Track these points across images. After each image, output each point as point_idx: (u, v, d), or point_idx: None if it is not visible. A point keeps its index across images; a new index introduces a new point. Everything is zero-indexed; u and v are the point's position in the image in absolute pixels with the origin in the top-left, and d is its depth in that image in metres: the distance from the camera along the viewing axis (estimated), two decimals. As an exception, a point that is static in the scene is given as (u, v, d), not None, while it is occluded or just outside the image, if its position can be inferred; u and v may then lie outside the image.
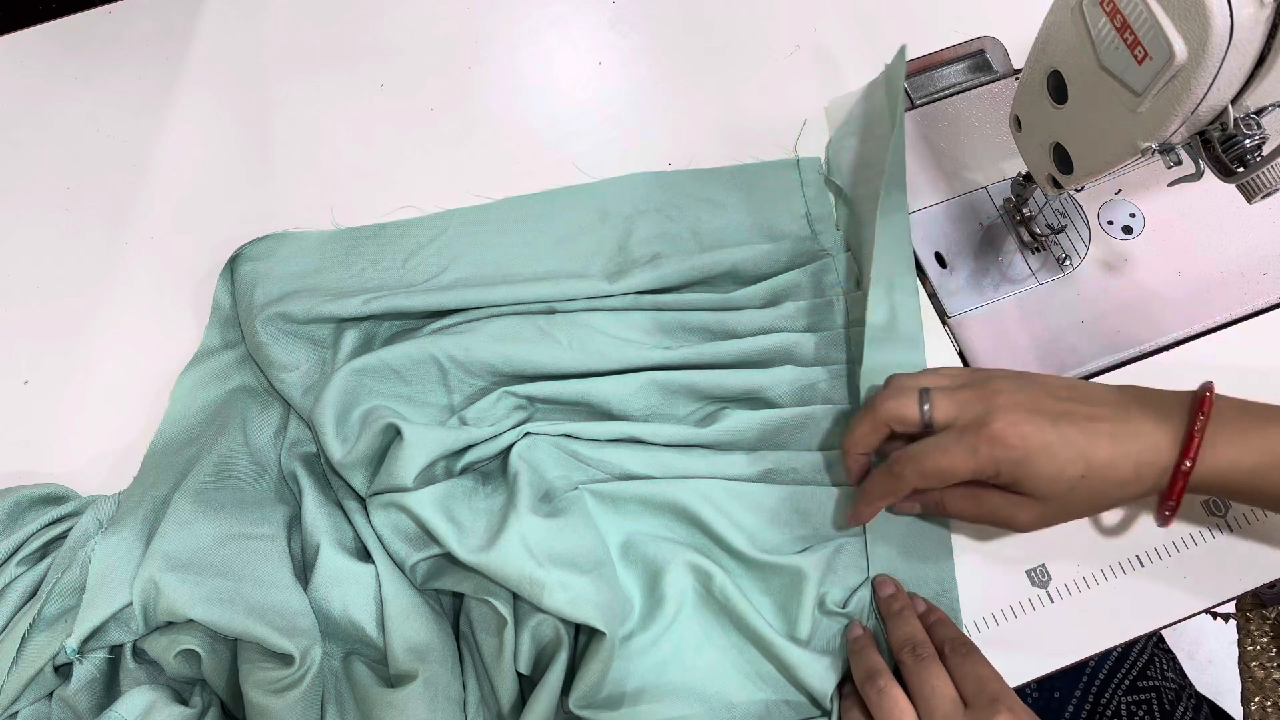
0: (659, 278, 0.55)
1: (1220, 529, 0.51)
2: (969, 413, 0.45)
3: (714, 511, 0.50)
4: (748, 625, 0.48)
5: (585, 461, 0.52)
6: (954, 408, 0.45)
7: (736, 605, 0.48)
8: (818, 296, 0.56)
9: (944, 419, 0.46)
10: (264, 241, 0.59)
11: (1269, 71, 0.38)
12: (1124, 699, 0.61)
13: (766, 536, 0.50)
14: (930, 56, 0.64)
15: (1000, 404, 0.44)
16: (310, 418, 0.52)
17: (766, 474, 0.52)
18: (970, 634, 0.50)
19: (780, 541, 0.50)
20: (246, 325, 0.55)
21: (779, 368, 0.53)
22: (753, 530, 0.50)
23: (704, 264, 0.56)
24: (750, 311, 0.55)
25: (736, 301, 0.55)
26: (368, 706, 0.46)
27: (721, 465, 0.51)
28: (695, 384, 0.53)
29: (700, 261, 0.56)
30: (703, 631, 0.49)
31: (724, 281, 0.57)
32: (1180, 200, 0.59)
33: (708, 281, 0.57)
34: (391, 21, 0.67)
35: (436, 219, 0.60)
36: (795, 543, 0.50)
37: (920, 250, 0.59)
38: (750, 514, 0.51)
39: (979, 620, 0.50)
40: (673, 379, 0.53)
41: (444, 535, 0.47)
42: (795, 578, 0.49)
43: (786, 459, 0.52)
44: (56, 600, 0.47)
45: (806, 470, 0.52)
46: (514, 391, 0.53)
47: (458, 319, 0.55)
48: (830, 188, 0.60)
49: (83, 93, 0.65)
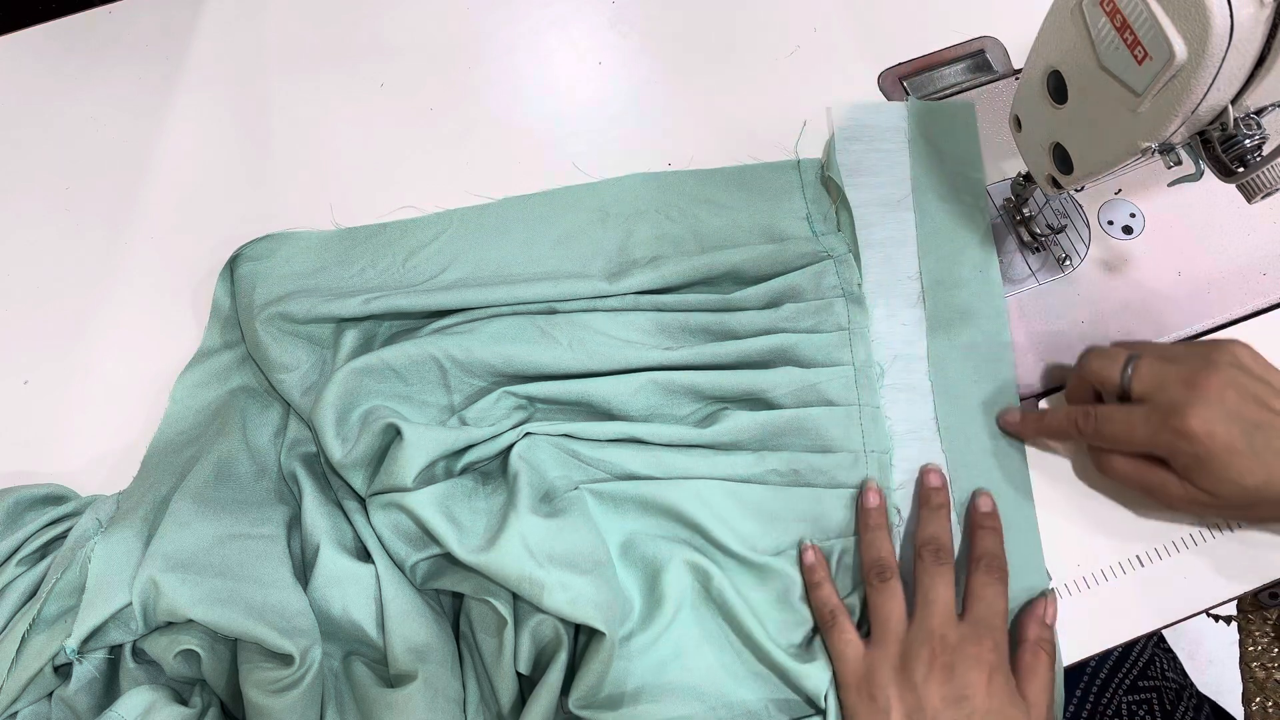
0: (659, 278, 0.55)
1: (1220, 529, 0.51)
2: (1167, 394, 0.44)
3: (710, 515, 0.50)
4: (741, 627, 0.48)
5: (585, 461, 0.52)
6: (1154, 382, 0.45)
7: (732, 606, 0.48)
8: (818, 298, 0.56)
9: (1141, 391, 0.45)
10: (264, 242, 0.59)
11: (1269, 71, 0.38)
12: (1125, 698, 0.61)
13: (766, 538, 0.50)
14: (930, 56, 0.64)
15: (1201, 395, 0.43)
16: (310, 418, 0.52)
17: (767, 475, 0.52)
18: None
19: (780, 543, 0.50)
20: (246, 325, 0.55)
21: (780, 369, 0.53)
22: (751, 533, 0.50)
23: (704, 264, 0.56)
24: (751, 312, 0.55)
25: (737, 303, 0.55)
26: (367, 707, 0.46)
27: (722, 466, 0.51)
28: (696, 385, 0.53)
29: (701, 262, 0.56)
30: (701, 632, 0.49)
31: (724, 282, 0.57)
32: (1180, 200, 0.59)
33: (709, 282, 0.57)
34: (391, 21, 0.67)
35: (436, 219, 0.60)
36: (796, 545, 0.51)
37: (920, 250, 0.59)
38: (749, 516, 0.51)
39: (979, 620, 0.50)
40: (673, 379, 0.53)
41: (444, 535, 0.47)
42: (793, 580, 0.49)
43: (787, 460, 0.52)
44: (56, 600, 0.47)
45: (807, 472, 0.52)
46: (514, 391, 0.53)
47: (458, 319, 0.55)
48: (829, 188, 0.60)
49: (83, 93, 0.65)
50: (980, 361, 0.55)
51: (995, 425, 0.53)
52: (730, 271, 0.56)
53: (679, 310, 0.55)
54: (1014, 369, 0.55)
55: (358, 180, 0.62)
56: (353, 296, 0.54)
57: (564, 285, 0.55)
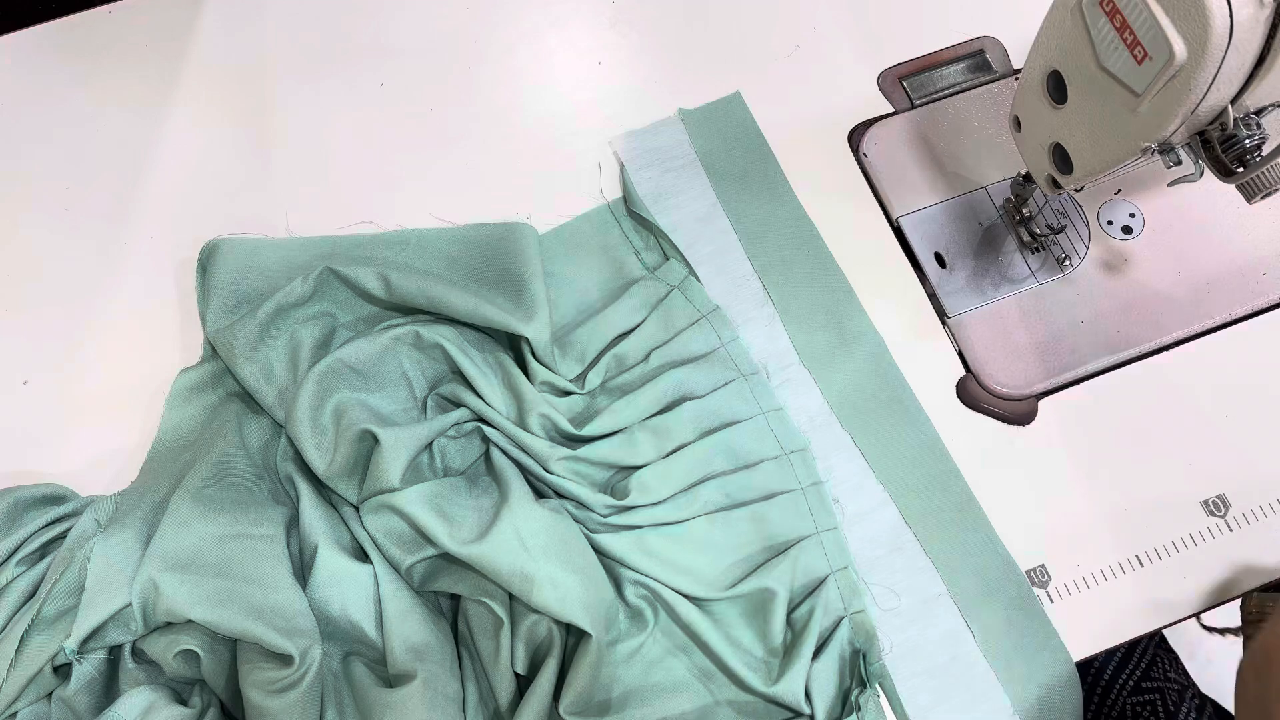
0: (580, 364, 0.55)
1: (1220, 529, 0.51)
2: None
3: (656, 564, 0.49)
4: (713, 654, 0.48)
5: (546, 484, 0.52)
6: None
7: (699, 632, 0.48)
8: (683, 327, 0.56)
9: None
10: (216, 253, 0.57)
11: (1269, 71, 0.38)
12: (1129, 700, 0.61)
13: (716, 568, 0.50)
14: (930, 56, 0.64)
15: None
16: (287, 433, 0.52)
17: (704, 507, 0.51)
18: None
19: (734, 569, 0.50)
20: (211, 342, 0.55)
21: (678, 408, 0.53)
22: (701, 567, 0.50)
23: (599, 341, 0.55)
24: (636, 369, 0.55)
25: (626, 364, 0.55)
26: (367, 706, 0.46)
27: (660, 514, 0.51)
28: (606, 458, 0.52)
29: (595, 344, 0.55)
30: (680, 641, 0.50)
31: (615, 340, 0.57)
32: (1180, 200, 0.59)
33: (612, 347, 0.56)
34: (391, 21, 0.67)
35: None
36: (750, 562, 0.51)
37: (920, 250, 0.59)
38: (695, 552, 0.50)
39: (979, 620, 0.50)
40: (586, 456, 0.52)
41: (435, 531, 0.47)
42: (764, 596, 0.49)
43: (717, 487, 0.52)
44: (55, 601, 0.47)
45: (739, 492, 0.52)
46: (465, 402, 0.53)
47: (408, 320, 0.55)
48: (639, 220, 0.60)
49: (83, 93, 0.65)
50: (837, 326, 0.56)
51: (879, 384, 0.55)
52: (619, 335, 0.56)
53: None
54: (864, 313, 0.57)
55: (358, 180, 0.62)
56: (288, 283, 0.54)
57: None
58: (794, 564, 0.50)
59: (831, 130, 0.62)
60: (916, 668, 0.49)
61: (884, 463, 0.53)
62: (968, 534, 0.52)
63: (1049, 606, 0.50)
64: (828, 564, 0.51)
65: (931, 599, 0.51)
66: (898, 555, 0.52)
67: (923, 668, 0.49)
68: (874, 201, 0.60)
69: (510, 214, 0.60)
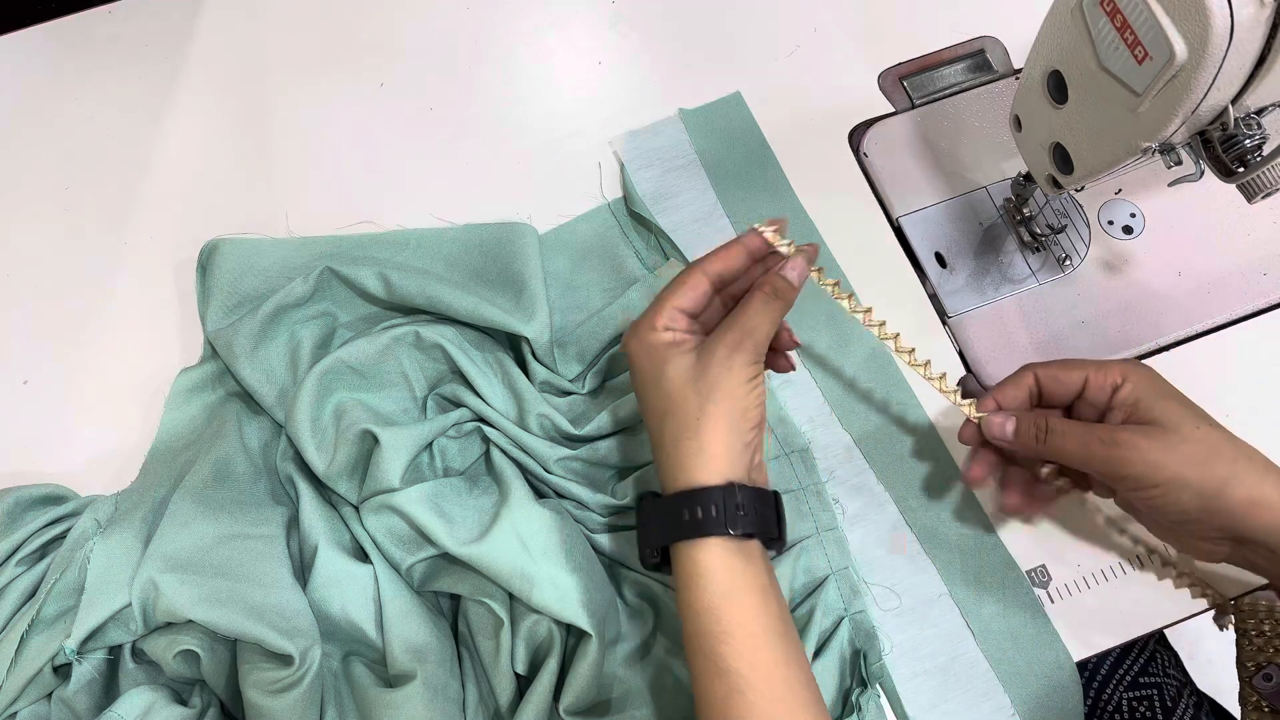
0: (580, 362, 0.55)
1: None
2: None
3: None
4: None
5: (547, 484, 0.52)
6: None
7: None
8: None
9: None
10: (216, 253, 0.57)
11: (1269, 71, 0.38)
12: (1125, 695, 0.61)
13: None
14: (930, 56, 0.64)
15: None
16: (287, 434, 0.52)
17: None
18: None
19: None
20: (211, 342, 0.55)
21: None
22: None
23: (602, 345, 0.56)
24: None
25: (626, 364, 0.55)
26: (367, 707, 0.46)
27: None
28: (606, 458, 0.52)
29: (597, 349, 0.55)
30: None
31: None
32: (1180, 200, 0.59)
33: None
34: (391, 21, 0.67)
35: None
36: None
37: (920, 250, 0.59)
38: None
39: (979, 620, 0.50)
40: (586, 457, 0.52)
41: (435, 530, 0.47)
42: None
43: None
44: (55, 601, 0.47)
45: None
46: (465, 401, 0.53)
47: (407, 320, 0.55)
48: (640, 221, 0.60)
49: (83, 93, 0.65)
50: (837, 326, 0.56)
51: (879, 384, 0.55)
52: (619, 335, 0.56)
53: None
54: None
55: (358, 180, 0.62)
56: (288, 283, 0.54)
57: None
58: (794, 564, 0.50)
59: (832, 130, 0.62)
60: (916, 668, 0.49)
61: (884, 463, 0.53)
62: (968, 534, 0.52)
63: (1049, 606, 0.50)
64: (828, 564, 0.51)
65: (931, 599, 0.51)
66: (898, 555, 0.52)
67: (923, 668, 0.49)
68: (874, 201, 0.60)
69: (510, 214, 0.60)
